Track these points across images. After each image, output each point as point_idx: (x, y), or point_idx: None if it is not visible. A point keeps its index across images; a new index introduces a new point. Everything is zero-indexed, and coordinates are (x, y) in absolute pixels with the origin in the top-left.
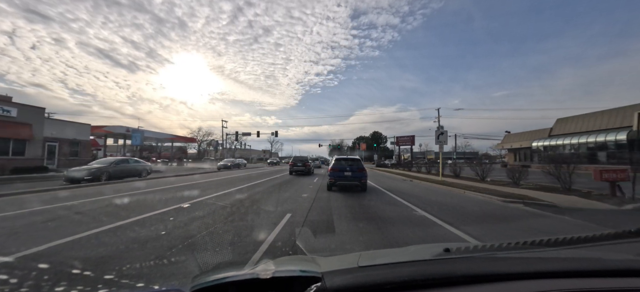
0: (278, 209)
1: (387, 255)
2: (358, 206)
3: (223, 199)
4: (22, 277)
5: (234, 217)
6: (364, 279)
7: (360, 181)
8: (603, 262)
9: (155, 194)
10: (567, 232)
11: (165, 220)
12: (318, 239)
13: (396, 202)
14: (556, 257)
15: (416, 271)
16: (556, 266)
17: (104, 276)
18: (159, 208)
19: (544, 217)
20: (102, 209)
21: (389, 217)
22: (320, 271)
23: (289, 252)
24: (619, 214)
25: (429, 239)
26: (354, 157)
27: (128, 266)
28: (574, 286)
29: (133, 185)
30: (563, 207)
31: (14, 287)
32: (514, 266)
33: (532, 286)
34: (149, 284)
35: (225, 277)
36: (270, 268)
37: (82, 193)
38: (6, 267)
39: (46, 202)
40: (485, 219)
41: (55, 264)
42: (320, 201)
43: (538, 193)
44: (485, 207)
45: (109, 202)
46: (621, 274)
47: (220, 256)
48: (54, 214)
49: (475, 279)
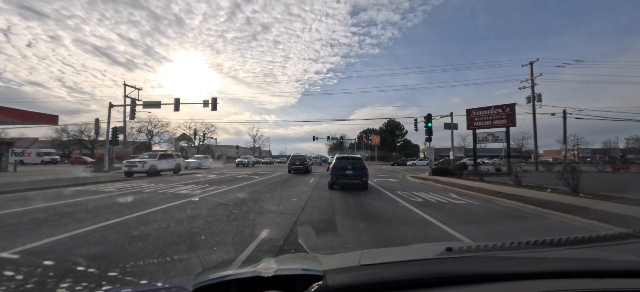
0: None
1: (389, 254)
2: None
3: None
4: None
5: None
6: (365, 277)
7: (361, 179)
8: (607, 263)
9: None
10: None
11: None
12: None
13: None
14: (559, 258)
15: (418, 270)
16: (559, 266)
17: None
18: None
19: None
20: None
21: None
22: (322, 269)
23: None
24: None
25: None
26: (356, 156)
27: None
28: (578, 286)
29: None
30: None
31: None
32: (516, 265)
33: (535, 286)
34: (152, 280)
35: (228, 275)
36: (272, 266)
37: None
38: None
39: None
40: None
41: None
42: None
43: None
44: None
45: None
46: (625, 274)
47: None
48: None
49: (477, 279)
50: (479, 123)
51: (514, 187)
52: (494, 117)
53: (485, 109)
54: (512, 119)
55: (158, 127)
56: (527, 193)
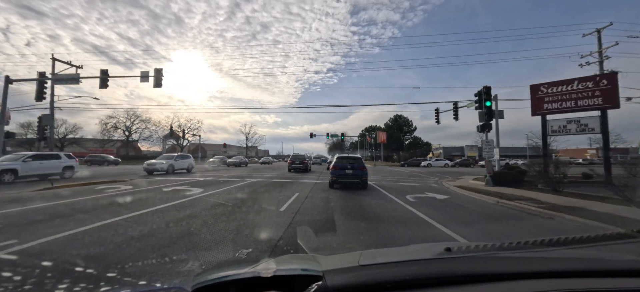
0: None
1: (389, 254)
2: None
3: None
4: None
5: None
6: (365, 277)
7: (360, 178)
8: (605, 263)
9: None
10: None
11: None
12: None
13: None
14: (558, 257)
15: (417, 270)
16: (558, 266)
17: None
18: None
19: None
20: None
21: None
22: (322, 269)
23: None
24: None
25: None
26: (355, 156)
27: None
28: (576, 286)
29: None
30: None
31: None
32: (515, 265)
33: (534, 286)
34: (151, 281)
35: (227, 276)
36: (271, 266)
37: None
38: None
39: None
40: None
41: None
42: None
43: None
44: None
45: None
46: (623, 274)
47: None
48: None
49: (476, 279)
50: (554, 105)
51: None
52: (580, 94)
53: (565, 83)
54: (612, 97)
55: (137, 123)
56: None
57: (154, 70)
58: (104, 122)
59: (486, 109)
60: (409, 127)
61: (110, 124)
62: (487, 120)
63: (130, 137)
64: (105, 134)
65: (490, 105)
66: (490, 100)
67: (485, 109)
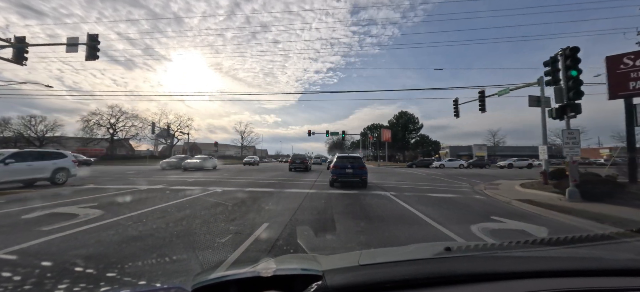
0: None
1: (388, 253)
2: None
3: None
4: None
5: None
6: (364, 277)
7: (360, 177)
8: (604, 262)
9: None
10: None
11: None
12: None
13: None
14: (557, 257)
15: (417, 270)
16: (557, 265)
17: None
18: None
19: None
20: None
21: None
22: (321, 269)
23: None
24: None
25: None
26: (355, 156)
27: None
28: (575, 285)
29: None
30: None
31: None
32: (515, 264)
33: (533, 285)
34: (151, 281)
35: (227, 275)
36: (271, 266)
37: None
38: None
39: None
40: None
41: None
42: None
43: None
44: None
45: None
46: (622, 273)
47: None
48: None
49: (476, 278)
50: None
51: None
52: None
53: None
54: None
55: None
56: None
57: (87, 36)
58: (85, 118)
59: (572, 80)
60: (415, 125)
61: (92, 121)
62: (573, 99)
63: (115, 135)
64: (87, 132)
65: (576, 75)
66: (576, 68)
67: (570, 80)
